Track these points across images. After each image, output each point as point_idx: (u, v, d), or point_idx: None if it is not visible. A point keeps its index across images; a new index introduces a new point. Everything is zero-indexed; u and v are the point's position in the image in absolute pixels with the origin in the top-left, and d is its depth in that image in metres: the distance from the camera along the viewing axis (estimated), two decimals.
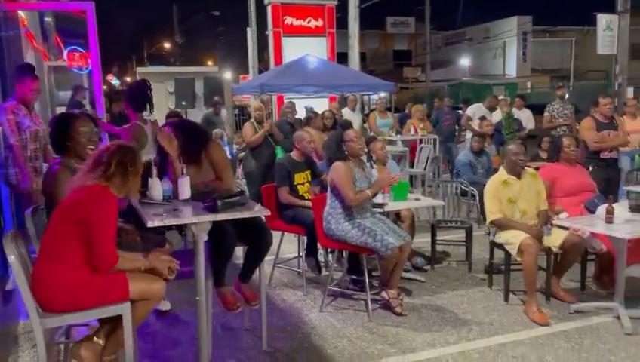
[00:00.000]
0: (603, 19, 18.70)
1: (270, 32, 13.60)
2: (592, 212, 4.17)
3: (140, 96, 4.70)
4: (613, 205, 3.91)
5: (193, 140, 3.55)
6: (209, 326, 3.36)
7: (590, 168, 5.50)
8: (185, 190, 3.26)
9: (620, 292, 3.92)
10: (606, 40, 18.89)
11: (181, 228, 3.54)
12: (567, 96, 8.30)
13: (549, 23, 32.54)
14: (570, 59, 31.69)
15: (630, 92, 17.66)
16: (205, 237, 2.97)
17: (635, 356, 3.42)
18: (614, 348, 3.54)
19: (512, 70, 33.53)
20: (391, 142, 8.92)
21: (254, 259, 3.57)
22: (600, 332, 3.78)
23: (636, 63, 19.18)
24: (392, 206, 4.63)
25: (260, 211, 3.12)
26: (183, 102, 11.92)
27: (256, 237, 3.50)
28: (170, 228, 3.23)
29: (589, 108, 6.21)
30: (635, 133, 6.81)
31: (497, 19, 34.25)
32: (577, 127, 7.09)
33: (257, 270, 3.61)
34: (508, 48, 34.02)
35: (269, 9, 13.50)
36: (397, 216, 4.93)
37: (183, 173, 3.30)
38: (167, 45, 39.23)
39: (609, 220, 3.85)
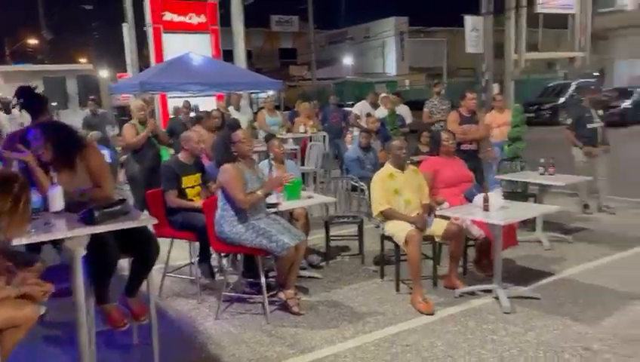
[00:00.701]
0: (470, 20, 20.34)
1: (149, 28, 12.97)
2: (471, 201, 4.46)
3: (32, 101, 4.14)
4: (489, 193, 4.21)
5: (64, 144, 3.24)
6: (92, 346, 3.08)
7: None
8: (56, 201, 2.96)
9: (498, 274, 4.24)
10: (473, 40, 20.58)
11: (55, 242, 3.21)
12: (443, 92, 8.84)
13: (424, 24, 34.68)
14: (443, 58, 33.99)
15: (496, 88, 19.38)
16: (83, 252, 2.71)
17: (514, 333, 3.71)
18: (495, 327, 3.80)
19: (391, 68, 35.26)
20: (282, 141, 8.91)
21: (140, 270, 3.34)
22: (482, 313, 4.05)
23: (500, 61, 21.05)
24: (286, 205, 4.60)
25: (146, 220, 2.92)
26: (54, 103, 10.97)
27: (141, 247, 3.28)
28: (43, 242, 2.91)
29: (459, 103, 6.64)
30: (503, 126, 7.42)
31: (377, 19, 35.81)
32: None
33: (145, 282, 3.39)
34: (387, 48, 35.71)
35: (147, 4, 12.86)
36: (291, 215, 4.91)
37: (53, 182, 2.99)
38: (32, 41, 35.87)
39: (486, 208, 4.14)
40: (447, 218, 4.44)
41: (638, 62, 24.75)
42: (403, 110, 9.47)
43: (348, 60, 37.26)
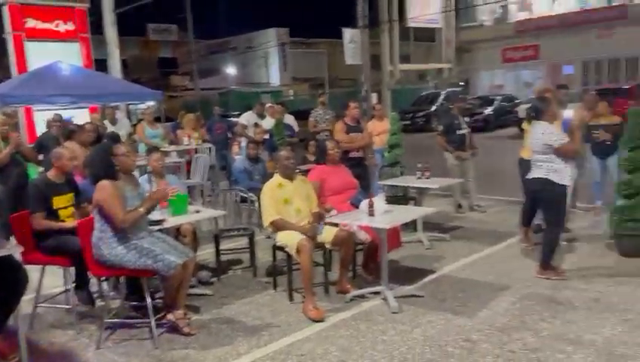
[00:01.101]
0: (348, 33, 21.18)
1: (9, 36, 11.83)
2: (357, 207, 4.61)
3: None
4: (374, 199, 4.37)
5: None
6: None
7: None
8: None
9: (385, 276, 4.41)
10: (352, 51, 21.42)
11: None
12: (327, 102, 9.08)
13: (304, 35, 35.47)
14: (324, 68, 35.01)
15: (374, 97, 20.34)
16: None
17: (402, 332, 3.87)
18: (385, 327, 3.94)
19: (275, 79, 35.57)
20: (165, 154, 8.55)
21: (6, 304, 2.99)
22: (373, 315, 4.18)
23: (377, 72, 22.15)
24: (172, 221, 4.40)
25: (9, 250, 2.62)
26: None
27: (5, 277, 2.93)
28: None
29: (343, 113, 6.86)
30: (382, 133, 7.79)
31: (258, 29, 35.97)
32: None
33: (13, 315, 3.04)
34: (270, 58, 35.96)
35: (6, 9, 11.73)
36: (177, 232, 4.71)
37: None
38: None
39: (371, 213, 4.30)
40: (336, 225, 4.53)
41: (497, 72, 27.48)
42: (289, 120, 9.56)
43: (231, 70, 36.97)
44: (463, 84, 26.88)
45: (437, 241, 6.00)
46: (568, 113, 5.93)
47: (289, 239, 4.35)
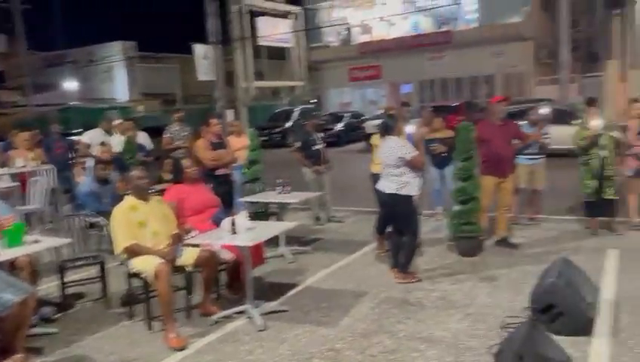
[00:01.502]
0: (199, 48, 20.83)
1: None
2: (219, 225, 4.50)
3: None
4: (235, 216, 4.32)
5: None
6: None
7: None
8: None
9: (250, 294, 4.36)
10: (204, 67, 21.09)
11: None
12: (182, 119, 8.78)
13: (153, 50, 34.10)
14: (176, 84, 33.95)
15: (231, 114, 20.22)
16: None
17: (269, 349, 3.85)
18: (252, 347, 3.89)
19: (122, 94, 33.61)
20: None
21: None
22: (239, 335, 4.10)
23: (232, 88, 22.08)
24: (6, 254, 3.89)
25: None
26: None
27: None
28: None
29: (201, 130, 6.70)
30: (241, 150, 7.75)
31: (101, 42, 33.76)
32: None
33: None
34: (116, 72, 33.93)
35: None
36: (12, 266, 4.16)
37: None
38: None
39: (234, 231, 4.23)
40: (197, 245, 4.38)
41: (346, 90, 29.08)
42: (142, 137, 9.06)
43: (71, 85, 34.09)
44: (315, 101, 27.98)
45: (299, 254, 6.11)
46: (410, 128, 6.46)
47: (145, 264, 4.11)
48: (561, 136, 8.84)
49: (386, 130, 5.05)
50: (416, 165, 4.98)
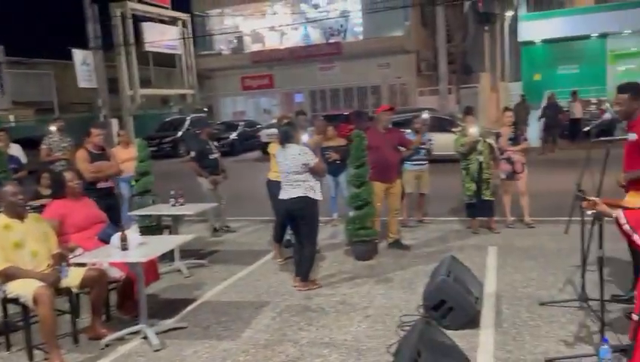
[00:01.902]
0: (79, 54, 19.55)
1: None
2: (107, 242, 4.22)
3: None
4: (126, 232, 4.07)
5: None
6: None
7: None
8: None
9: (144, 313, 4.13)
10: (85, 74, 19.84)
11: None
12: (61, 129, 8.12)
13: (24, 55, 31.31)
14: (52, 91, 31.44)
15: (115, 123, 19.16)
16: None
17: None
18: None
19: None
20: None
21: None
22: (133, 357, 3.87)
23: (116, 96, 20.94)
24: None
25: None
26: None
27: None
28: None
29: (82, 140, 6.26)
30: (129, 161, 7.34)
31: None
32: None
33: None
34: None
35: None
36: None
37: None
38: None
39: (124, 247, 3.99)
40: (84, 264, 4.07)
41: (239, 99, 28.82)
42: (15, 150, 8.24)
43: None
44: (206, 109, 27.38)
45: (196, 268, 5.91)
46: (305, 137, 6.54)
47: (24, 288, 3.74)
48: (443, 143, 9.48)
49: (287, 137, 5.06)
50: (319, 172, 5.11)
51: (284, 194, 5.05)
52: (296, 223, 5.13)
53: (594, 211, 3.18)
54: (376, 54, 23.36)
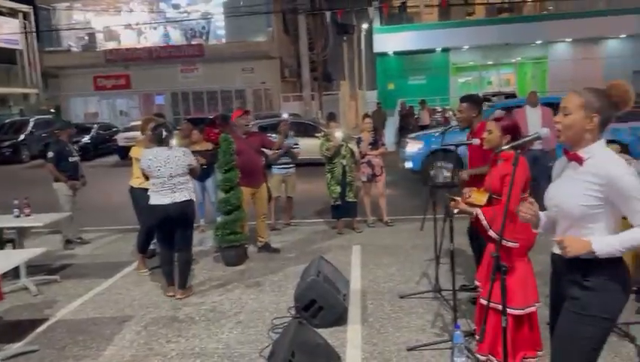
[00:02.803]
0: None
1: None
2: None
3: None
4: None
5: None
6: None
7: None
8: None
9: None
10: None
11: None
12: None
13: None
14: None
15: None
16: None
17: None
18: None
19: None
20: None
21: None
22: None
23: None
24: None
25: None
26: None
27: None
28: None
29: None
30: None
31: None
32: None
33: None
34: None
35: None
36: None
37: None
38: None
39: None
40: None
41: (91, 99, 26.76)
42: None
43: None
44: (53, 110, 25.02)
45: (46, 285, 5.36)
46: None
47: None
48: (308, 147, 9.75)
49: (162, 139, 4.83)
50: (197, 173, 5.09)
51: (166, 199, 4.76)
52: (172, 230, 4.87)
53: (458, 209, 3.47)
54: (240, 58, 23.30)
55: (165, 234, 4.90)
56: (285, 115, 10.06)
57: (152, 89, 25.30)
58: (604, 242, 2.01)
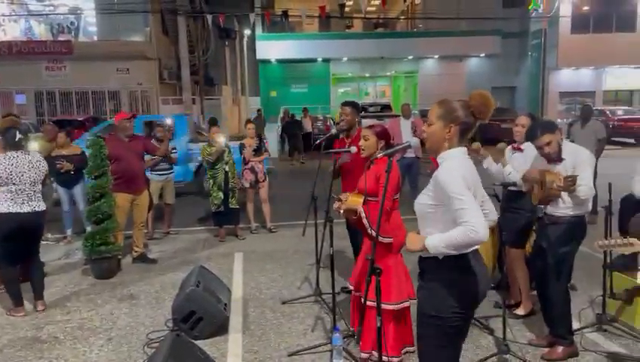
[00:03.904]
0: None
1: None
2: None
3: None
4: None
5: None
6: None
7: None
8: None
9: None
10: None
11: None
12: None
13: None
14: None
15: None
16: None
17: None
18: None
19: None
20: None
21: None
22: None
23: None
24: None
25: None
26: None
27: None
28: None
29: None
30: None
31: None
32: None
33: None
34: None
35: None
36: None
37: None
38: None
39: None
40: None
41: None
42: None
43: None
44: None
45: None
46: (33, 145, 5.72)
47: None
48: None
49: (16, 143, 4.37)
50: (46, 182, 4.75)
51: (24, 208, 4.35)
52: (25, 242, 4.41)
53: (343, 210, 3.54)
54: (115, 58, 21.96)
55: (15, 247, 4.43)
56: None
57: (11, 87, 22.91)
58: (435, 239, 2.16)
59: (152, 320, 4.36)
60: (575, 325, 3.82)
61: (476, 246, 2.20)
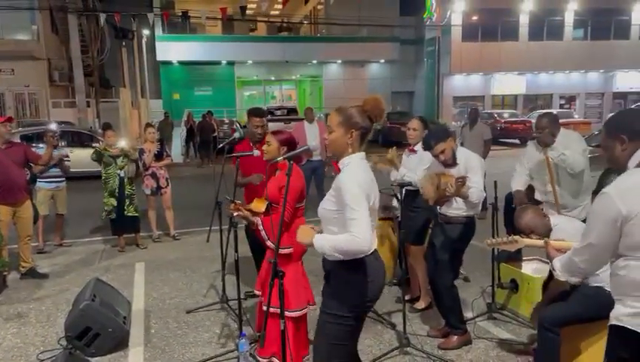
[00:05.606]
0: None
1: None
2: None
3: None
4: None
5: None
6: None
7: None
8: None
9: None
10: None
11: None
12: None
13: None
14: None
15: None
16: None
17: None
18: None
19: None
20: None
21: None
22: None
23: None
24: None
25: None
26: None
27: None
28: None
29: None
30: None
31: None
32: None
33: None
34: None
35: None
36: None
37: None
38: None
39: None
40: None
41: None
42: None
43: None
44: None
45: None
46: None
47: None
48: (82, 159, 8.90)
49: None
50: None
51: None
52: None
53: (238, 214, 3.47)
54: None
55: None
56: (53, 126, 8.95)
57: None
58: (323, 239, 2.23)
59: (43, 340, 4.05)
60: (468, 314, 4.08)
61: (373, 247, 2.29)
